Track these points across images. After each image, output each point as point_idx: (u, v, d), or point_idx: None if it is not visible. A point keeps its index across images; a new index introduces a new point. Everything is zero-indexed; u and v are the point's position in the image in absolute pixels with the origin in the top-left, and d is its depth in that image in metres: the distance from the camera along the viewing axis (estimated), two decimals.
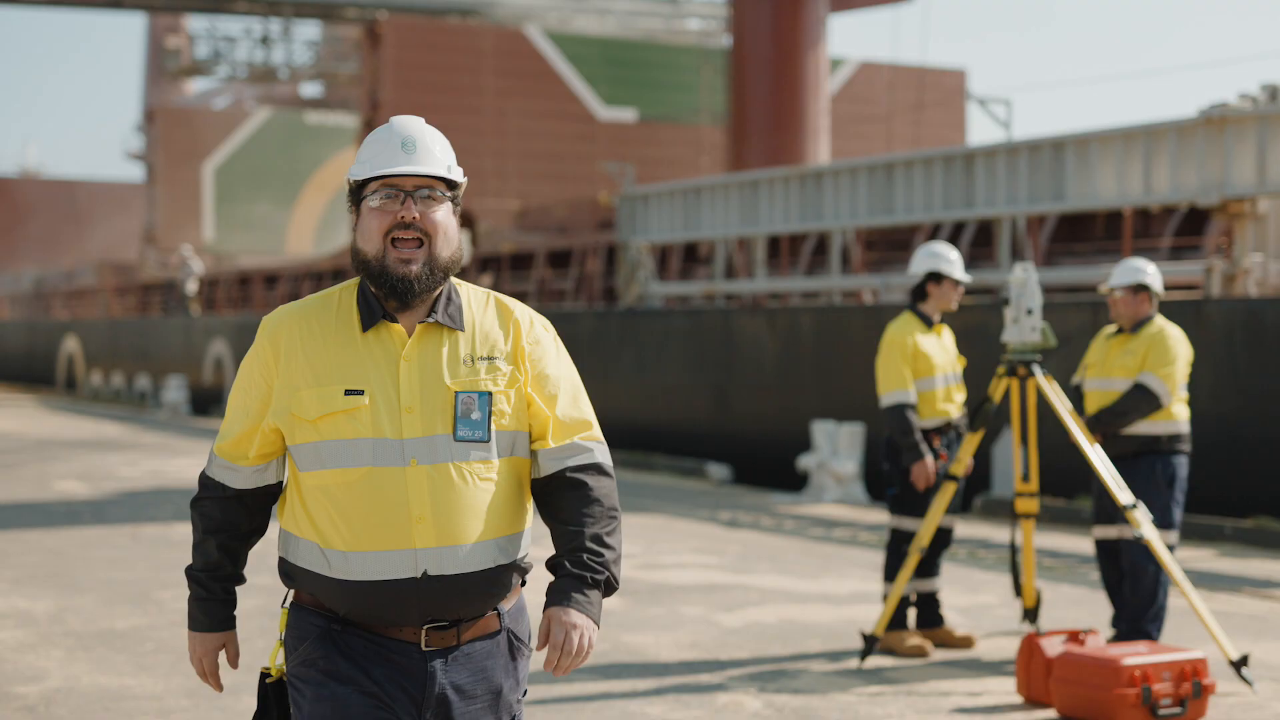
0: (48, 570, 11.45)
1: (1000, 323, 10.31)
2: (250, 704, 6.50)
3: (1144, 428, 8.31)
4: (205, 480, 3.58)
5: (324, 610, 3.42)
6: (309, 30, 75.37)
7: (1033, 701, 7.40)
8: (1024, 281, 8.17)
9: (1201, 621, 7.68)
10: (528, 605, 3.60)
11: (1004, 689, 7.76)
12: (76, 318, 52.08)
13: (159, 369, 39.35)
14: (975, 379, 10.74)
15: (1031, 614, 8.34)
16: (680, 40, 51.87)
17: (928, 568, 8.79)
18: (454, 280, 3.54)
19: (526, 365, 3.49)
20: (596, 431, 3.57)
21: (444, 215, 3.45)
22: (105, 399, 40.67)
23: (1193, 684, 6.96)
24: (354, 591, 3.36)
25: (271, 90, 74.60)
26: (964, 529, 13.96)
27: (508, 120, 46.74)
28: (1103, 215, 20.69)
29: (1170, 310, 15.10)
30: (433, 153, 3.48)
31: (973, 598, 10.36)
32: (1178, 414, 8.36)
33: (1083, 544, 12.89)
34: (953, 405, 8.75)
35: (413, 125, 3.51)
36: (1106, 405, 8.36)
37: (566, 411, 3.53)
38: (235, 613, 3.62)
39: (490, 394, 3.42)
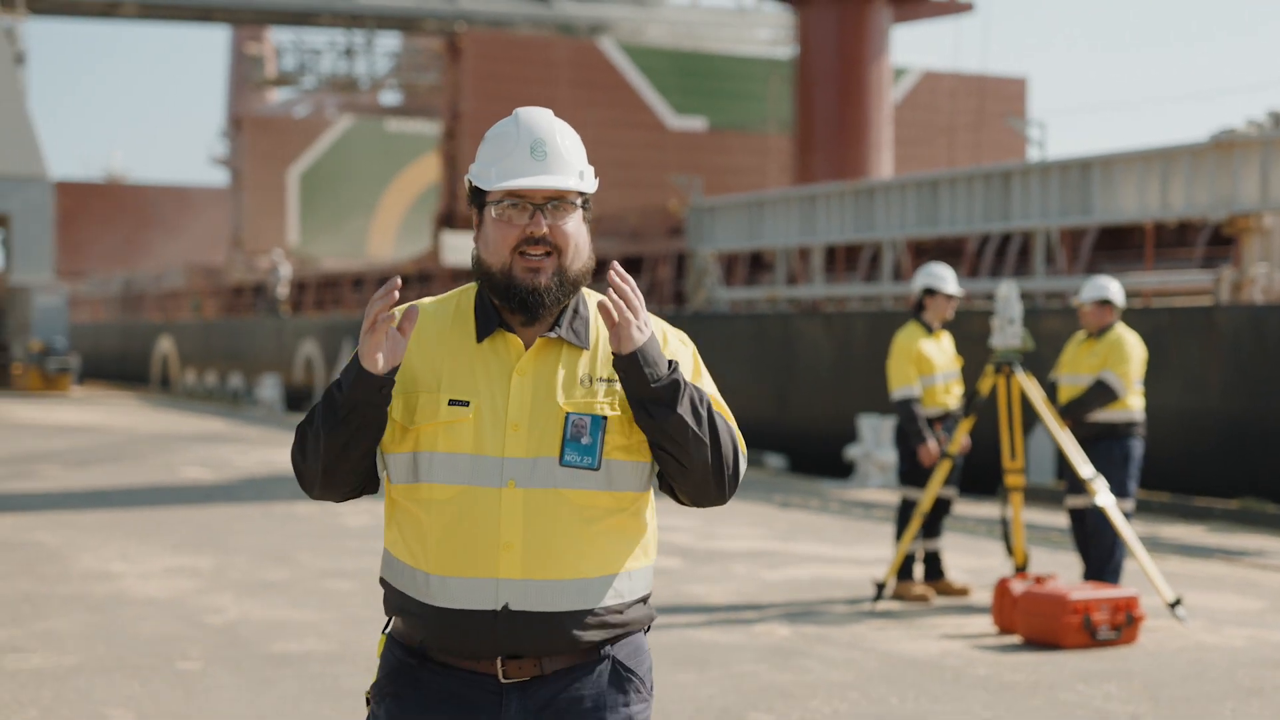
0: (200, 538, 13.53)
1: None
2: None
3: (1104, 416, 10.17)
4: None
5: (406, 643, 3.18)
6: (389, 41, 77.52)
7: (1004, 630, 9.29)
8: (1007, 296, 10.02)
9: (1143, 571, 9.56)
10: (649, 649, 3.25)
11: (984, 624, 9.67)
12: (169, 319, 54.11)
13: (251, 368, 41.09)
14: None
15: (1021, 570, 10.18)
16: (749, 50, 53.65)
17: (932, 530, 10.70)
18: (585, 291, 3.24)
19: None
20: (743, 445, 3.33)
21: (575, 226, 3.15)
22: (199, 396, 42.61)
23: (1126, 615, 8.86)
24: (434, 618, 3.10)
25: (352, 98, 76.81)
26: (990, 510, 15.78)
27: (582, 130, 47.03)
28: (1138, 228, 22.40)
29: (1183, 316, 16.94)
30: (565, 158, 3.14)
31: (979, 561, 12.26)
32: (1133, 405, 10.20)
33: None
34: (950, 397, 10.69)
35: (542, 124, 3.17)
36: (1074, 397, 10.23)
37: None
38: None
39: (605, 419, 3.11)
